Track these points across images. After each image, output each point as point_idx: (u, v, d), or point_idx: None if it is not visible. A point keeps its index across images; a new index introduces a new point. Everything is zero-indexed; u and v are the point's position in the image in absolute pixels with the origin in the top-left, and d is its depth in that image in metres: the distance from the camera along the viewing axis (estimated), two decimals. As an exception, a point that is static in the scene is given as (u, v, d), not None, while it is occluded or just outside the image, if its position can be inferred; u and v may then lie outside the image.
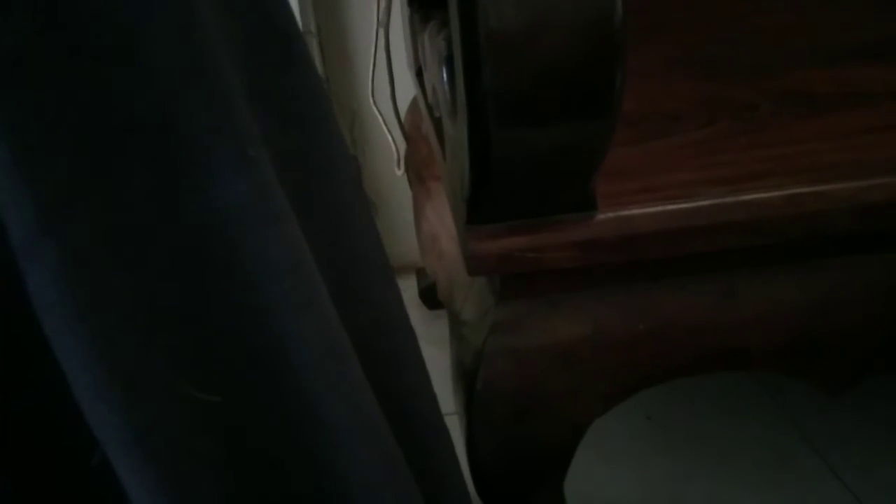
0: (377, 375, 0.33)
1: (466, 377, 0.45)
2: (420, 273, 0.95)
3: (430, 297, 0.91)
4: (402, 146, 0.77)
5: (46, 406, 0.26)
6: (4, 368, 0.25)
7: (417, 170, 0.78)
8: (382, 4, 0.57)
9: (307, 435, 0.28)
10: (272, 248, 0.27)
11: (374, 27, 0.62)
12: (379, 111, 0.73)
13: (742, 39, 0.61)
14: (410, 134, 0.77)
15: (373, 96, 0.72)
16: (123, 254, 0.24)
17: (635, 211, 0.40)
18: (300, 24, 0.71)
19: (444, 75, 0.40)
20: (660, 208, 0.40)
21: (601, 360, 0.44)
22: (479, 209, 0.41)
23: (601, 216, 0.40)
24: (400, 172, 0.78)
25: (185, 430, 0.25)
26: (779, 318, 0.43)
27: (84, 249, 0.23)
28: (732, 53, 0.59)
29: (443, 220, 0.66)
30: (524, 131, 0.35)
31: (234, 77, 0.26)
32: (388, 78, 0.66)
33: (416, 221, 0.78)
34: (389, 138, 0.75)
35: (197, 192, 0.25)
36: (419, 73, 0.64)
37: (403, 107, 0.75)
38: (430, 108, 0.59)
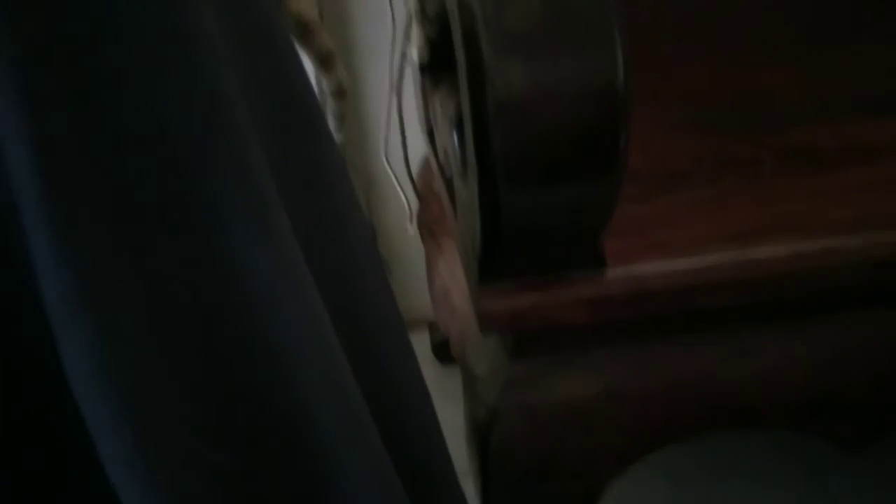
0: (390, 433, 0.33)
1: (480, 435, 0.45)
2: (433, 328, 0.95)
3: (442, 352, 0.91)
4: (415, 204, 0.78)
5: (71, 475, 0.26)
6: (25, 433, 0.26)
7: (429, 226, 0.79)
8: (396, 70, 0.59)
9: (327, 499, 0.29)
10: (293, 316, 0.28)
11: (388, 90, 0.64)
12: (392, 170, 0.75)
13: (743, 95, 0.62)
14: (422, 192, 0.78)
15: (386, 156, 0.74)
16: (153, 324, 0.25)
17: (644, 268, 0.41)
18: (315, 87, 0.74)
19: (455, 139, 0.42)
20: (668, 265, 0.41)
21: (614, 418, 0.44)
22: (490, 267, 0.41)
23: (610, 273, 0.41)
24: (412, 229, 0.79)
25: (209, 497, 0.26)
26: (791, 374, 0.43)
27: (118, 321, 0.24)
28: (735, 109, 0.60)
29: (454, 276, 0.67)
30: (532, 192, 0.36)
31: (259, 149, 0.28)
32: (400, 139, 0.68)
33: (429, 276, 0.79)
34: (402, 196, 0.76)
35: (223, 261, 0.26)
36: (430, 134, 0.66)
37: (415, 165, 0.77)
38: (441, 168, 0.60)
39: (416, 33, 0.48)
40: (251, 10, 0.29)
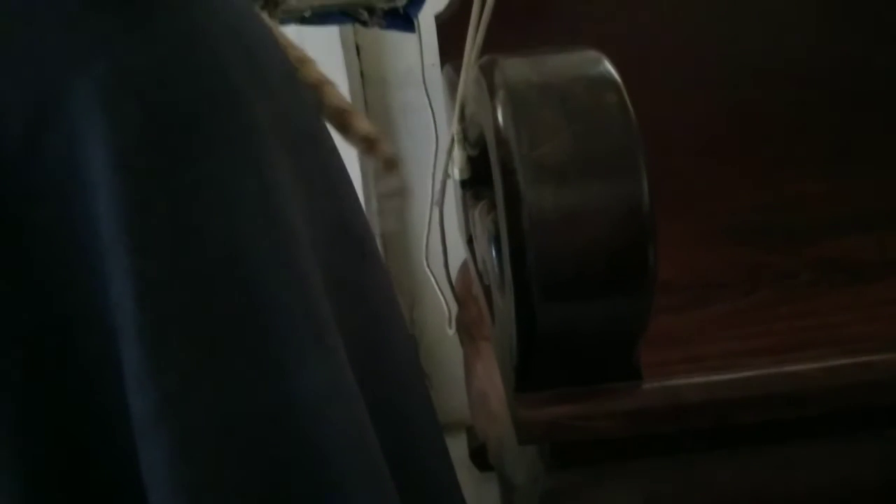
0: None
1: (518, 547, 0.45)
2: (470, 432, 0.94)
3: (480, 458, 0.90)
4: (454, 307, 0.80)
5: None
6: None
7: (468, 329, 0.80)
8: (438, 182, 0.63)
9: None
10: (343, 427, 0.30)
11: (430, 201, 0.67)
12: (432, 273, 0.78)
13: (777, 207, 0.63)
14: (461, 295, 0.80)
15: (427, 261, 0.77)
16: (222, 434, 0.28)
17: (681, 381, 0.41)
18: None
19: (493, 252, 0.44)
20: (704, 378, 0.41)
21: (654, 533, 0.43)
22: (527, 377, 0.42)
23: (647, 385, 0.41)
24: (451, 332, 0.81)
25: None
26: (835, 490, 0.42)
27: (192, 433, 0.28)
28: (769, 221, 0.61)
29: (492, 380, 0.67)
30: (566, 307, 0.38)
31: (318, 275, 0.31)
32: (441, 246, 0.71)
33: (467, 379, 0.79)
34: (442, 300, 0.78)
35: (284, 377, 0.29)
36: (470, 242, 0.68)
37: (454, 270, 0.80)
38: (479, 275, 0.62)
39: (457, 154, 0.52)
40: (317, 155, 0.35)
